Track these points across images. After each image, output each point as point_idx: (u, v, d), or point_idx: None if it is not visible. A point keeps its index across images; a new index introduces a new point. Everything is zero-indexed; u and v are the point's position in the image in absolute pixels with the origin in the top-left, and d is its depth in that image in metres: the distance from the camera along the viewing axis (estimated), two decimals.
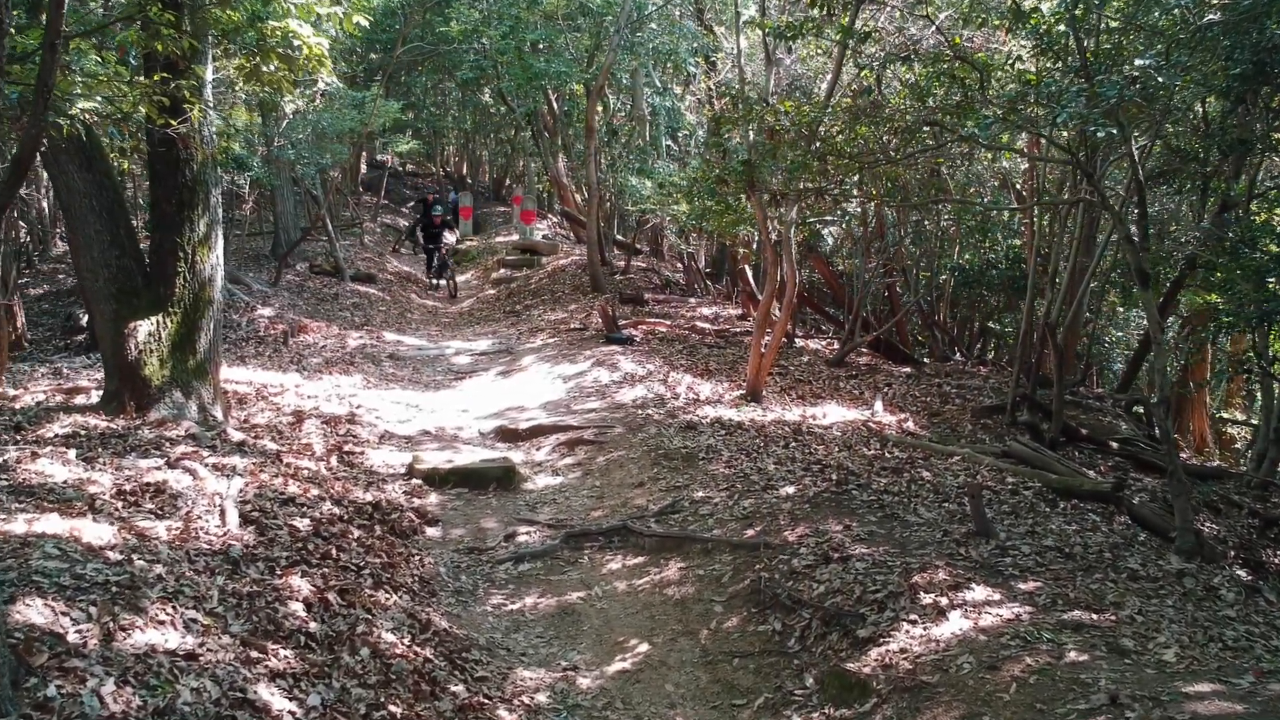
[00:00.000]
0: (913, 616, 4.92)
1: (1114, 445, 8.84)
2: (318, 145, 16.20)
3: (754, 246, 17.34)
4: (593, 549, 6.66)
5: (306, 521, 6.06)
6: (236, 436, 7.68)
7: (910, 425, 9.65)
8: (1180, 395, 16.00)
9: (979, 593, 5.10)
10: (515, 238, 21.94)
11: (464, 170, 38.44)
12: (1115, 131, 4.74)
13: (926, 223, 12.47)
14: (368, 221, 23.58)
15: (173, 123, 5.78)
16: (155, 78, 5.54)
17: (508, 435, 9.01)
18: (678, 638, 5.52)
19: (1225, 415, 14.13)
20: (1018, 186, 13.11)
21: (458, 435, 9.04)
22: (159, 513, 5.53)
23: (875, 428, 9.28)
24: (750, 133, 7.35)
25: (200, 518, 5.61)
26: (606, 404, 9.74)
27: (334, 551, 5.74)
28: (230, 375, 9.69)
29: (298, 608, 4.72)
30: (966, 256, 13.28)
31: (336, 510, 6.52)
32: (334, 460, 7.76)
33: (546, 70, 15.18)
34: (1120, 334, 15.39)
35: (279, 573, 5.07)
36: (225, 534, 5.43)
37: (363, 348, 12.30)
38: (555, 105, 19.11)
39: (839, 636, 5.05)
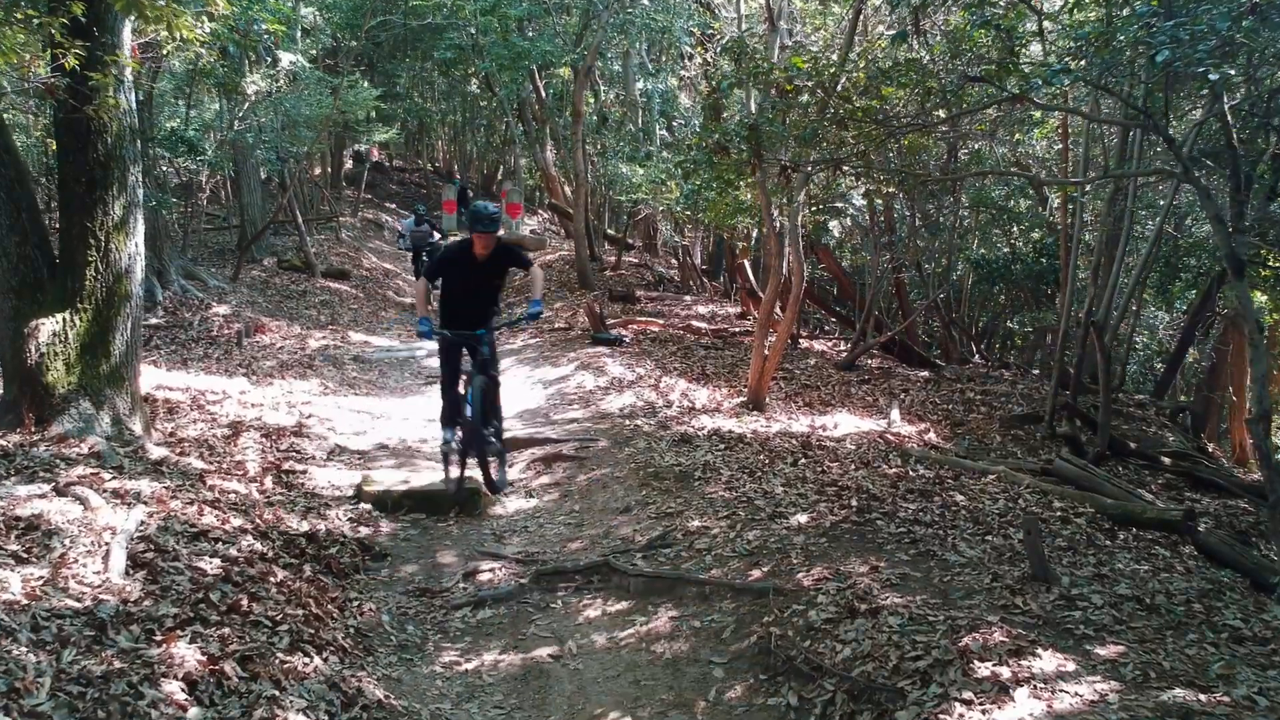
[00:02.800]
0: (967, 694, 3.84)
1: (1166, 461, 7.78)
2: (288, 132, 15.14)
3: (753, 239, 16.30)
4: (568, 591, 5.57)
5: (217, 562, 4.98)
6: (156, 453, 6.60)
7: (932, 437, 8.60)
8: (1208, 399, 14.98)
9: (1048, 661, 4.02)
10: (501, 233, 20.85)
11: (454, 166, 37.32)
12: (1232, 73, 3.71)
13: (946, 210, 11.38)
14: (347, 216, 22.48)
15: (40, 71, 4.69)
16: None
17: None
18: (668, 710, 4.44)
19: None
20: (1034, 170, 12.06)
21: (420, 449, 7.95)
22: (23, 556, 4.45)
23: (894, 440, 8.22)
24: (753, 96, 6.29)
25: (76, 562, 4.53)
26: (590, 413, 8.66)
27: (245, 602, 4.64)
28: (166, 380, 8.60)
29: (174, 689, 3.63)
30: (982, 250, 12.22)
31: (259, 546, 5.43)
32: (269, 481, 6.67)
33: (531, 50, 14.09)
34: (1139, 335, 14.34)
35: (160, 637, 3.98)
36: (102, 584, 4.34)
37: (325, 349, 11.20)
38: (542, 91, 18.03)
39: (872, 718, 3.98)
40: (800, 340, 12.54)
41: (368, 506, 6.61)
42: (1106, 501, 6.32)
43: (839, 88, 5.40)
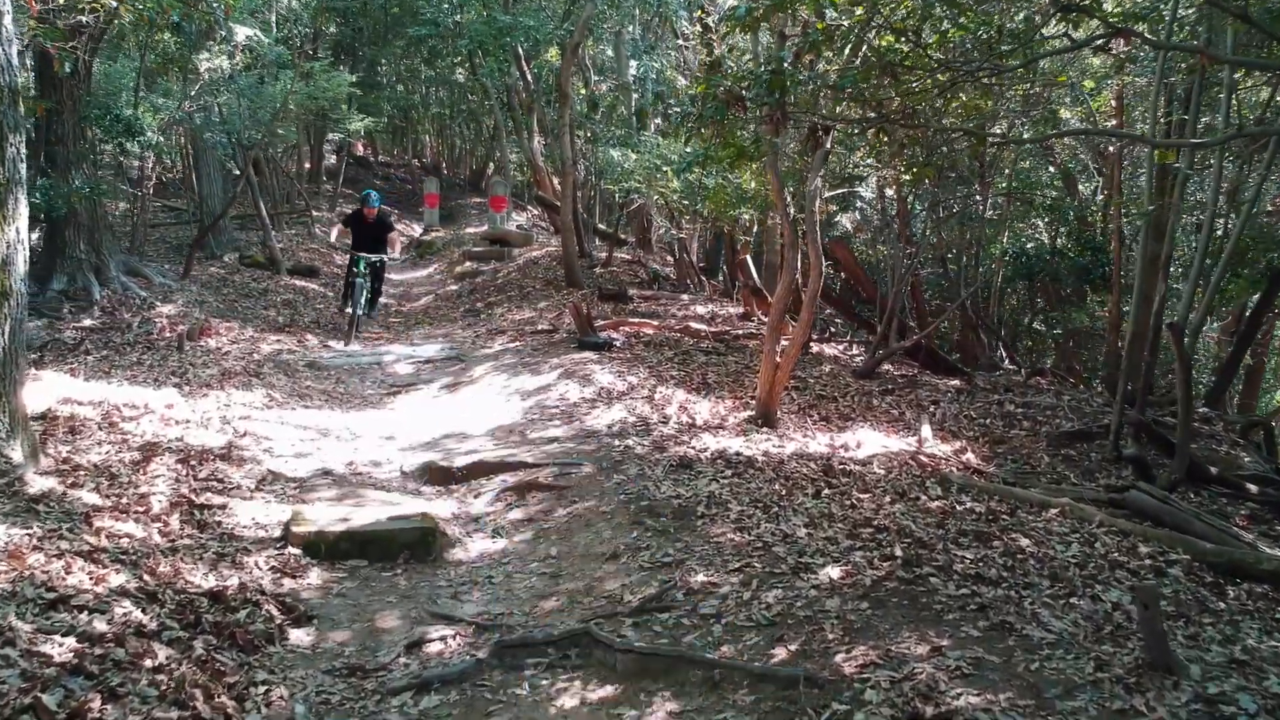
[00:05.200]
0: None
1: (1252, 488, 6.61)
2: (249, 116, 13.94)
3: (754, 233, 15.11)
4: (537, 669, 4.36)
5: (71, 643, 3.77)
6: (37, 486, 5.39)
7: (970, 457, 7.42)
8: (1243, 407, 13.81)
9: None
10: (486, 228, 19.65)
11: (442, 161, 36.06)
12: None
13: (974, 199, 10.19)
14: (325, 211, 21.24)
15: None
16: None
17: (439, 475, 6.72)
18: None
19: None
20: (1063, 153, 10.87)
21: (370, 475, 6.74)
22: None
23: (928, 463, 7.04)
24: (763, 48, 5.12)
25: None
26: (573, 431, 7.45)
27: (96, 705, 3.44)
28: (78, 392, 7.38)
29: None
30: (1021, 242, 11.04)
31: (140, 614, 4.22)
32: (176, 520, 5.45)
33: (515, 25, 12.87)
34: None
35: None
36: None
37: (278, 354, 9.97)
38: (529, 76, 16.84)
39: None
40: (810, 344, 11.34)
41: (296, 551, 5.38)
42: (1205, 546, 5.14)
43: (883, 23, 4.22)
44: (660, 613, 4.56)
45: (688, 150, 8.39)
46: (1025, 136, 7.77)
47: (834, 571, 4.69)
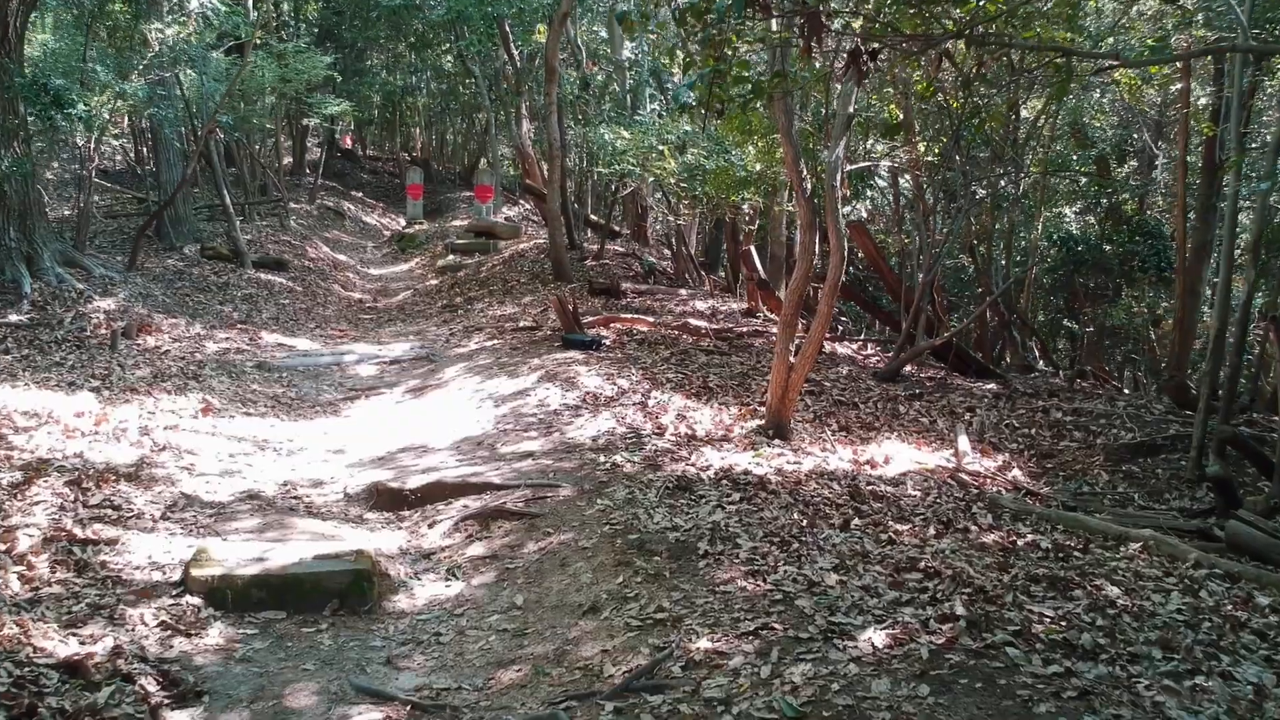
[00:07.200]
0: None
1: None
2: (227, 98, 12.89)
3: (757, 223, 14.04)
4: None
5: None
6: None
7: (1018, 474, 6.35)
8: None
9: None
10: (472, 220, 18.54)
11: (432, 155, 34.90)
12: None
13: (1003, 181, 9.10)
14: (303, 203, 20.12)
15: None
16: None
17: (388, 499, 5.62)
18: None
19: None
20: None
21: (305, 500, 5.65)
22: None
23: (971, 482, 5.96)
24: None
25: None
26: (552, 444, 6.35)
27: None
28: None
29: None
30: (1043, 230, 9.96)
31: None
32: (45, 561, 4.35)
33: None
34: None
35: None
36: None
37: (223, 354, 8.88)
38: (515, 56, 15.77)
39: None
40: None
41: (196, 601, 4.28)
42: None
43: None
44: (651, 694, 3.46)
45: (691, 80, 7.15)
46: (1134, 57, 6.61)
47: (878, 637, 3.60)
